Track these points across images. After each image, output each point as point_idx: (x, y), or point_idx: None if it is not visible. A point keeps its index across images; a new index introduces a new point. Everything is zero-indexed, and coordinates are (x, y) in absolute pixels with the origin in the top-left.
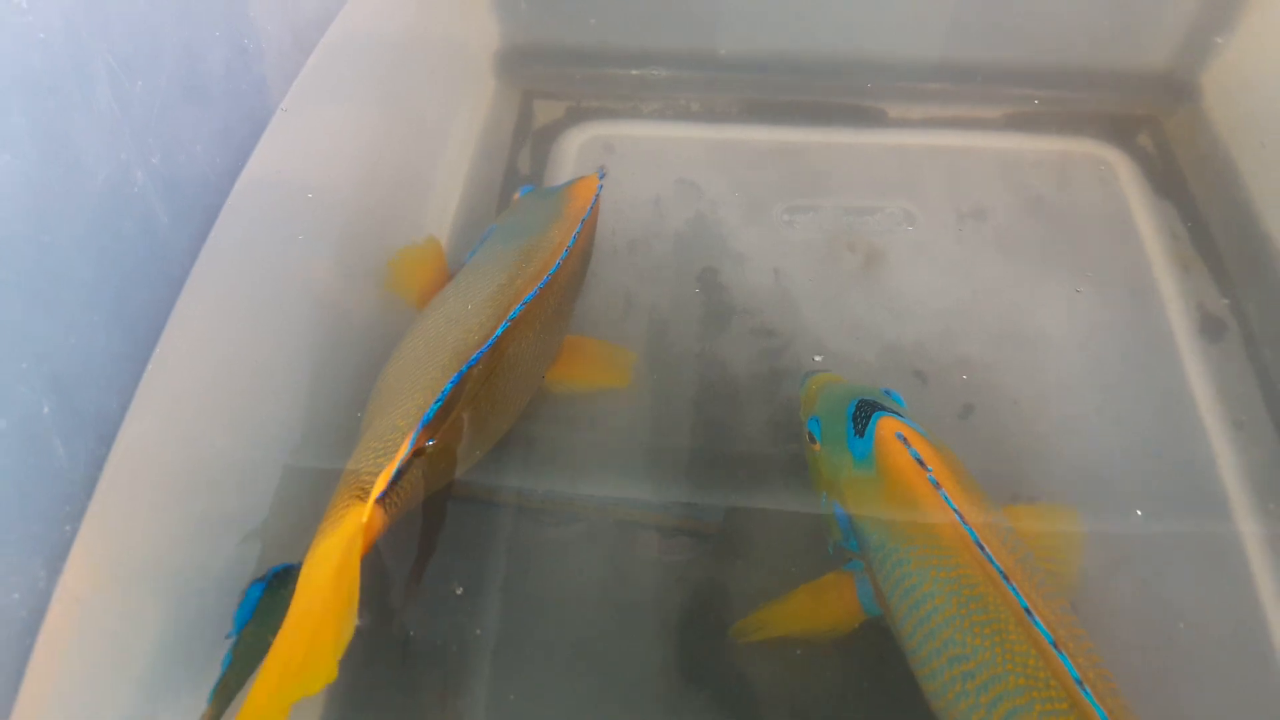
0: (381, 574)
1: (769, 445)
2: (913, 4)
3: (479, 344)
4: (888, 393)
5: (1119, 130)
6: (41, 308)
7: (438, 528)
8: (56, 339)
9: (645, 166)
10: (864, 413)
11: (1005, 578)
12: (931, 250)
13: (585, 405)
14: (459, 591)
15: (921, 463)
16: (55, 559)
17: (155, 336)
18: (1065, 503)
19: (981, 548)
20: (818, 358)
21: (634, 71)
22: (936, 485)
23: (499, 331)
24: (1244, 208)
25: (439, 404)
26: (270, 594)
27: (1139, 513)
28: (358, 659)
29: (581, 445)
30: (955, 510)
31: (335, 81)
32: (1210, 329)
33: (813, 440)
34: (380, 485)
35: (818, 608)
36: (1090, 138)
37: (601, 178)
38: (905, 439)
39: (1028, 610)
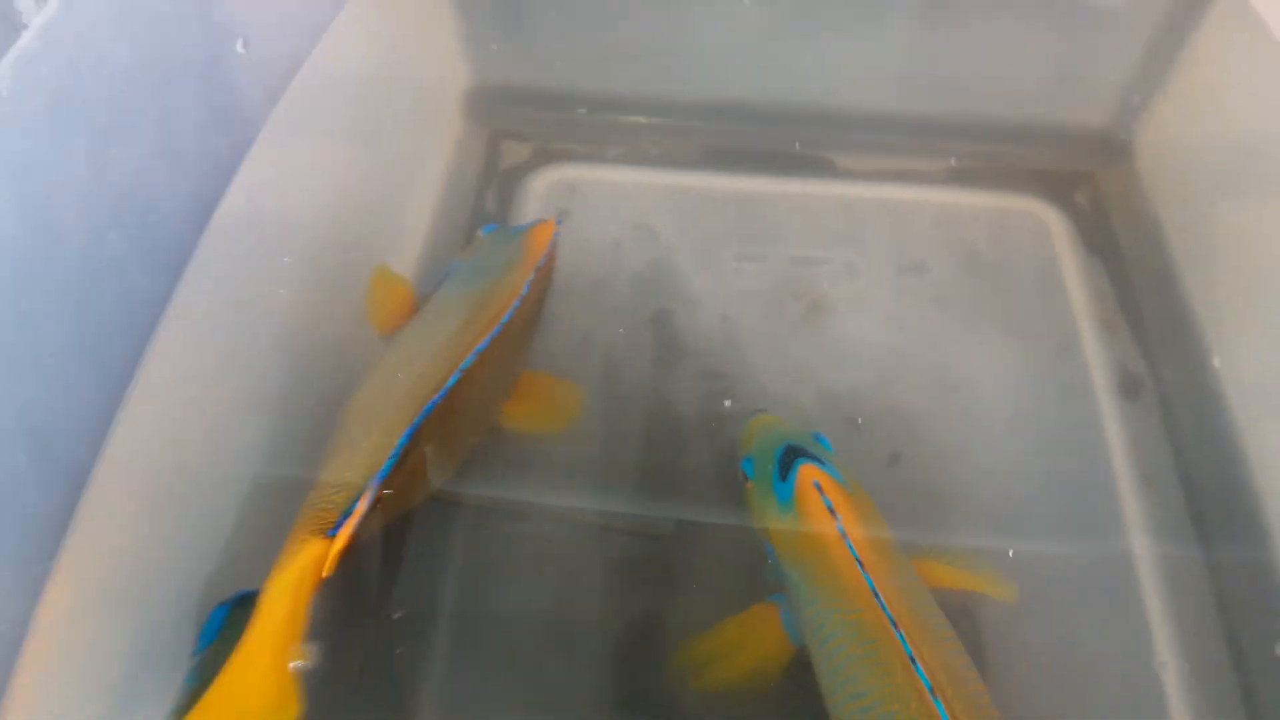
0: (328, 603)
1: (710, 479)
2: (865, 58)
3: (434, 390)
4: (817, 437)
5: (1056, 187)
6: (20, 370)
7: (385, 556)
8: (34, 396)
9: (607, 210)
10: (789, 458)
11: (894, 624)
12: (871, 302)
13: (539, 437)
14: (397, 615)
15: (832, 511)
16: (30, 596)
17: (127, 382)
18: (981, 546)
19: (876, 595)
20: (726, 402)
21: (599, 116)
22: (843, 533)
23: (452, 380)
24: (1166, 269)
25: (394, 458)
26: (233, 616)
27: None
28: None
29: (532, 475)
30: (857, 558)
31: (304, 123)
32: (1129, 387)
33: (746, 479)
34: (342, 540)
35: (746, 638)
36: (1027, 194)
37: (559, 224)
38: (821, 487)
39: (911, 657)
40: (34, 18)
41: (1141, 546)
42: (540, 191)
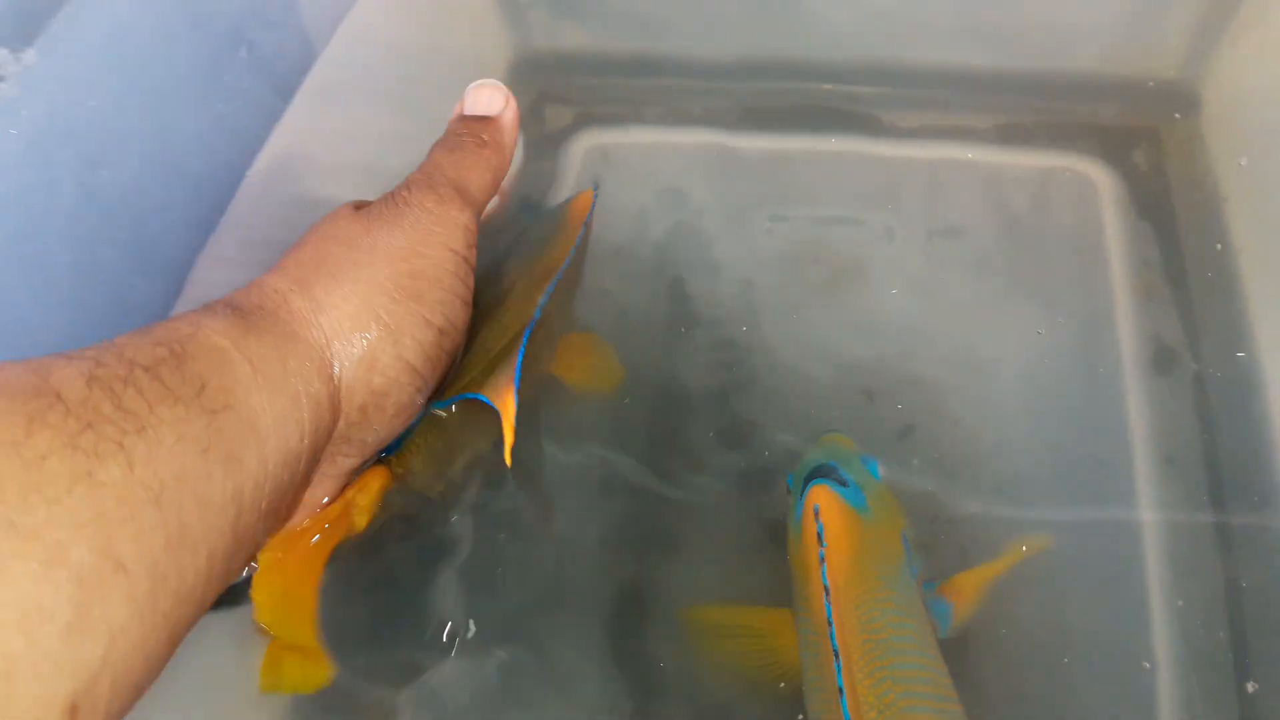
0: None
1: (712, 455)
2: (910, 8)
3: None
4: (866, 461)
5: (1112, 145)
6: None
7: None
8: None
9: (639, 172)
10: (811, 478)
11: (836, 656)
12: (902, 267)
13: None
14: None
15: (820, 538)
16: None
17: None
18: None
19: (830, 627)
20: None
21: (638, 78)
22: (821, 561)
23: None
24: (1219, 237)
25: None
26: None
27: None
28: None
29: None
30: (826, 590)
31: (326, 110)
32: (1161, 361)
33: (788, 491)
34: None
35: (765, 630)
36: (1079, 152)
37: (596, 192)
38: (818, 513)
39: (842, 691)
40: (11, 68)
41: (1152, 527)
42: (578, 154)
